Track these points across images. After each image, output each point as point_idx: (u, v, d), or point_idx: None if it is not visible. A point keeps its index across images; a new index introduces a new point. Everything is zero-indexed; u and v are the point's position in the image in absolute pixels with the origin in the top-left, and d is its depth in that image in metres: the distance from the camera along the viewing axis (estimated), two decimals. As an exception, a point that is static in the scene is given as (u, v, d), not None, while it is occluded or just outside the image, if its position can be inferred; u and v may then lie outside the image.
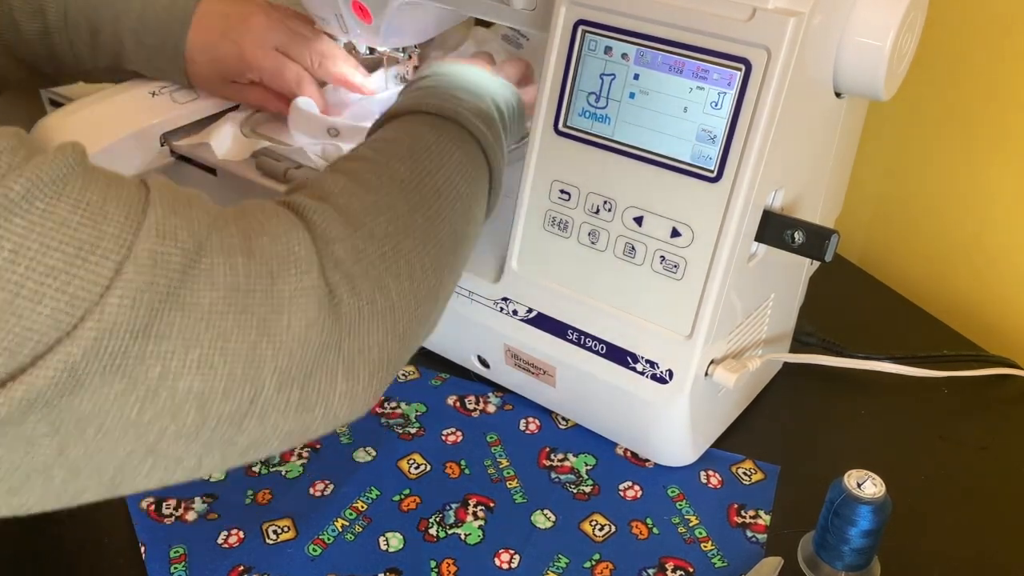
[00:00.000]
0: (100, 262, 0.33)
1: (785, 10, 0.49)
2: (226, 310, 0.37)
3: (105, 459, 0.36)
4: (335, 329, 0.41)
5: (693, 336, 0.55)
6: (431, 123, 0.55)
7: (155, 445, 0.37)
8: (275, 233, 0.40)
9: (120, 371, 0.34)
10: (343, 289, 0.42)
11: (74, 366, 0.33)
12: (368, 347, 0.43)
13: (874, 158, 0.87)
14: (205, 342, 0.36)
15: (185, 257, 0.36)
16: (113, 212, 0.35)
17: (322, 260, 0.42)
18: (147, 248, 0.35)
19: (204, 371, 0.36)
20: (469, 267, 0.65)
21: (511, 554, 0.56)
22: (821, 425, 0.68)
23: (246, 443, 0.40)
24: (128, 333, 0.34)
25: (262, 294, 0.38)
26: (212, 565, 0.55)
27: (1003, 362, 0.73)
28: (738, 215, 0.52)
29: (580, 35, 0.55)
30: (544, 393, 0.66)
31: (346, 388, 0.42)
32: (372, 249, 0.45)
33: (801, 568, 0.55)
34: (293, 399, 0.40)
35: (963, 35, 0.78)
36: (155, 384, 0.35)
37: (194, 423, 0.37)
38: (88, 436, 0.35)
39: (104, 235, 0.34)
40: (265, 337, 0.38)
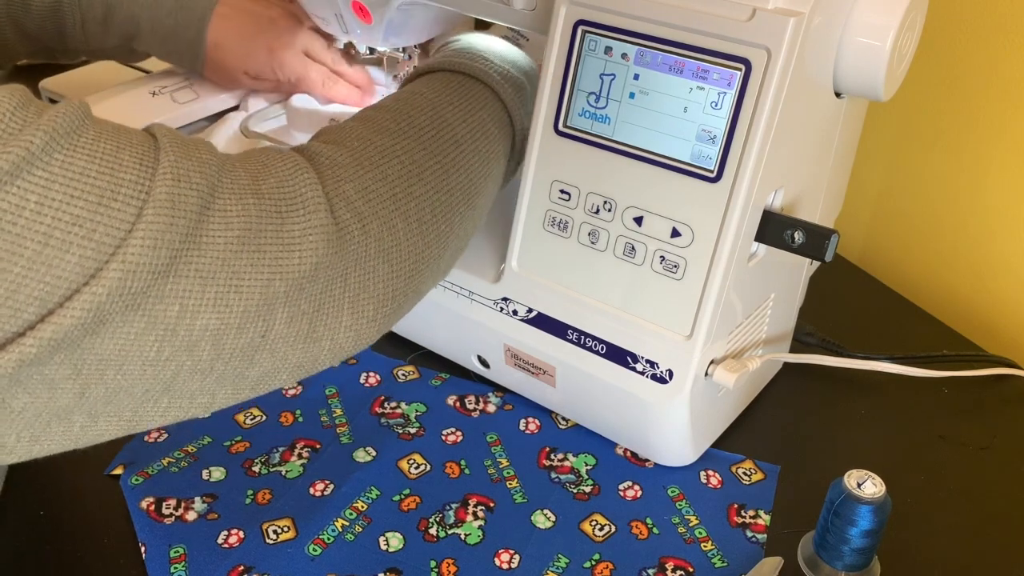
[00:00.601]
0: (122, 208, 0.35)
1: (785, 10, 0.49)
2: (240, 249, 0.38)
3: (124, 399, 0.38)
4: (341, 264, 0.42)
5: (693, 336, 0.55)
6: (459, 81, 0.56)
7: (171, 382, 0.38)
8: (281, 175, 0.42)
9: (141, 310, 0.36)
10: (353, 226, 0.43)
11: (100, 306, 0.34)
12: (373, 282, 0.44)
13: (874, 158, 0.87)
14: (221, 280, 0.37)
15: (200, 198, 0.37)
16: (127, 160, 0.36)
17: (331, 198, 0.43)
18: (165, 191, 0.36)
19: (220, 308, 0.38)
20: (469, 267, 0.65)
21: (511, 554, 0.56)
22: (821, 425, 0.68)
23: (257, 375, 0.41)
24: (150, 273, 0.35)
25: (273, 233, 0.40)
26: (212, 565, 0.55)
27: (1003, 362, 0.73)
28: (738, 215, 0.52)
29: (580, 35, 0.55)
30: (544, 393, 0.66)
31: (351, 321, 0.44)
32: (383, 189, 0.46)
33: (801, 568, 0.55)
34: (302, 331, 0.41)
35: (963, 35, 0.78)
36: (173, 322, 0.37)
37: (209, 358, 0.39)
38: (108, 377, 0.36)
39: (123, 182, 0.35)
40: (278, 274, 0.39)
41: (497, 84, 0.57)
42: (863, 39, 0.52)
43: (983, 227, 0.81)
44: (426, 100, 0.53)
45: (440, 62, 0.58)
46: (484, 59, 0.58)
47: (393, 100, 0.54)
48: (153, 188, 0.36)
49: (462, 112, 0.54)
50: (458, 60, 0.58)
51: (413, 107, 0.52)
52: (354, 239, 0.43)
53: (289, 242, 0.40)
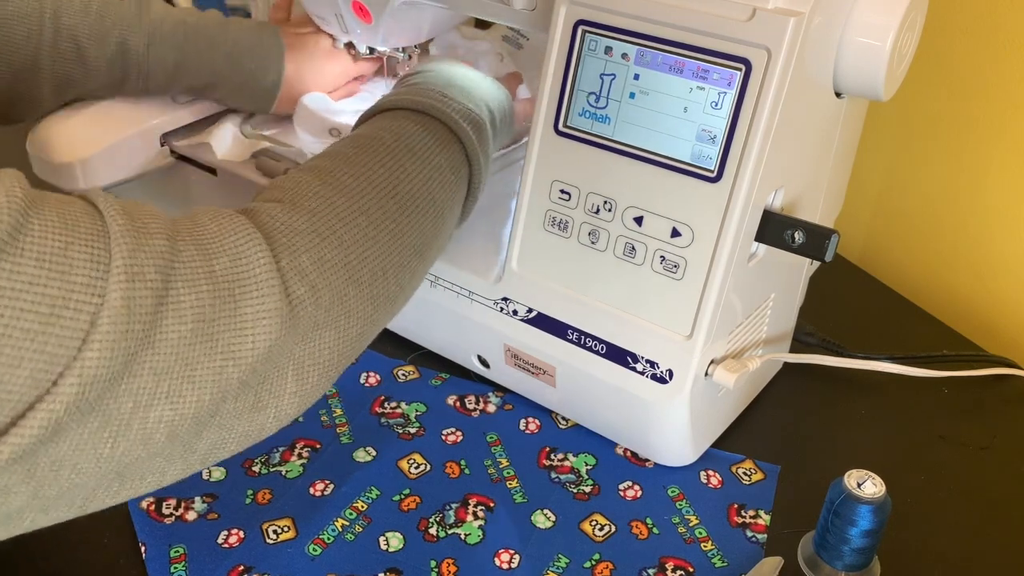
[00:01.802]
0: (74, 316, 0.33)
1: (785, 10, 0.49)
2: (194, 341, 0.37)
3: (76, 492, 0.37)
4: (290, 338, 0.41)
5: (693, 336, 0.55)
6: (418, 121, 0.55)
7: (124, 470, 0.37)
8: (234, 251, 0.40)
9: (95, 412, 0.35)
10: (307, 300, 0.42)
11: (57, 420, 0.33)
12: (319, 351, 0.44)
13: (874, 158, 0.87)
14: (174, 373, 0.37)
15: (155, 296, 0.36)
16: (78, 258, 0.34)
17: (284, 273, 0.41)
18: (119, 295, 0.34)
19: (173, 400, 0.37)
20: (469, 267, 0.65)
21: (511, 554, 0.56)
22: (821, 425, 0.68)
23: (205, 448, 0.41)
24: (106, 380, 0.34)
25: (226, 319, 0.38)
26: (212, 565, 0.55)
27: (1003, 362, 0.73)
28: (738, 215, 0.52)
29: (580, 35, 0.55)
30: (544, 393, 0.66)
31: (296, 388, 0.43)
32: (338, 258, 0.45)
33: (801, 568, 0.55)
34: (248, 403, 0.41)
35: (963, 35, 0.78)
36: (127, 418, 0.36)
37: (162, 445, 0.38)
38: (63, 476, 0.35)
39: (74, 286, 0.33)
40: (231, 360, 0.38)
41: (456, 125, 0.56)
42: (863, 39, 0.52)
43: (983, 227, 0.81)
44: (385, 148, 0.52)
45: (399, 100, 0.57)
46: (444, 96, 0.57)
47: (352, 147, 0.52)
48: (107, 291, 0.34)
49: (420, 162, 0.52)
50: (418, 98, 0.56)
51: (372, 158, 0.51)
52: (306, 312, 0.42)
53: (242, 327, 0.39)
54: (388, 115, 0.56)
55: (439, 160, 0.54)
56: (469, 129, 0.56)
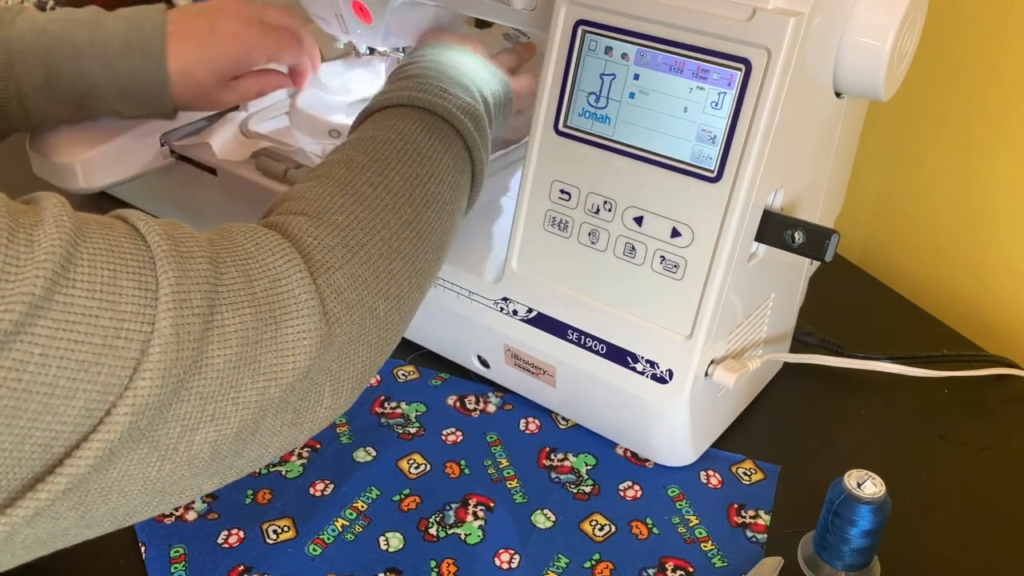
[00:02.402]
0: (126, 345, 0.33)
1: (785, 10, 0.49)
2: (238, 364, 0.38)
3: (121, 511, 0.37)
4: (327, 356, 0.42)
5: (693, 336, 0.55)
6: (418, 119, 0.55)
7: (166, 489, 0.38)
8: (273, 273, 0.40)
9: (145, 439, 0.35)
10: (343, 318, 0.43)
11: (111, 448, 0.34)
12: (353, 365, 0.44)
13: (874, 158, 0.87)
14: (219, 397, 0.37)
15: (203, 322, 0.36)
16: (127, 286, 0.34)
17: (321, 292, 0.42)
18: (169, 322, 0.35)
19: (218, 422, 0.38)
20: (469, 267, 0.65)
21: (511, 554, 0.56)
22: (821, 425, 0.68)
23: (242, 464, 0.41)
24: (157, 408, 0.35)
25: (268, 342, 0.39)
26: (212, 565, 0.55)
27: (1003, 362, 0.73)
28: (738, 215, 0.52)
29: (580, 35, 0.55)
30: (544, 393, 0.66)
31: (331, 402, 0.44)
32: (368, 273, 0.45)
33: (801, 568, 0.55)
34: (287, 420, 0.42)
35: (963, 35, 0.78)
36: (175, 442, 0.36)
37: (204, 465, 0.39)
38: (111, 500, 0.36)
39: (125, 315, 0.34)
40: (272, 381, 0.39)
41: (458, 122, 0.56)
42: (863, 39, 0.52)
43: (983, 227, 0.81)
44: (396, 153, 0.52)
45: (400, 97, 0.56)
46: (443, 91, 0.57)
47: (363, 154, 0.51)
48: (156, 319, 0.34)
49: (429, 164, 0.52)
50: (418, 95, 0.56)
51: (386, 164, 0.51)
52: (342, 330, 0.43)
53: (283, 348, 0.39)
54: (389, 113, 0.56)
55: (446, 160, 0.54)
56: (469, 124, 0.56)
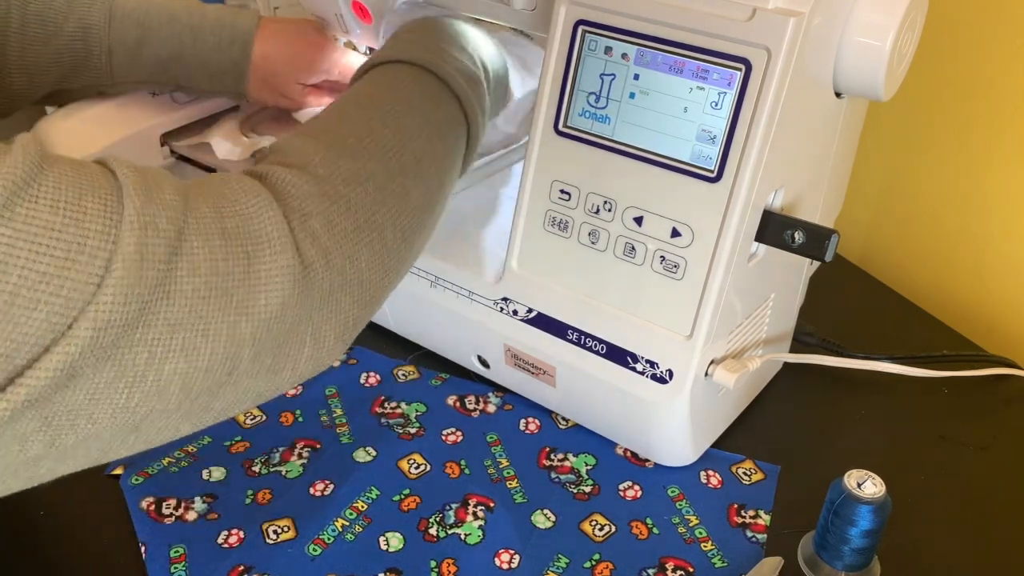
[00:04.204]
0: (89, 261, 0.34)
1: (785, 10, 0.49)
2: (207, 294, 0.38)
3: (92, 443, 0.38)
4: (306, 302, 0.42)
5: (693, 336, 0.55)
6: (414, 77, 0.55)
7: (139, 424, 0.38)
8: (247, 213, 0.41)
9: (111, 360, 0.35)
10: (318, 264, 0.43)
11: (72, 363, 0.34)
12: (335, 314, 0.45)
13: (874, 158, 0.87)
14: (188, 326, 0.37)
15: (168, 246, 0.37)
16: (91, 207, 0.35)
17: (296, 236, 0.42)
18: (133, 242, 0.35)
19: (188, 353, 0.38)
20: (469, 267, 0.65)
21: (511, 554, 0.56)
22: (821, 425, 0.68)
23: (220, 407, 0.42)
24: (120, 327, 0.35)
25: (240, 275, 0.39)
26: (212, 565, 0.55)
27: (1003, 362, 0.73)
28: (738, 215, 0.52)
29: (580, 35, 0.55)
30: (544, 393, 0.66)
31: (312, 352, 0.44)
32: (347, 222, 0.45)
33: (801, 568, 0.55)
34: (265, 365, 0.42)
35: (963, 35, 0.78)
36: (142, 369, 0.36)
37: (177, 399, 0.39)
38: (79, 426, 0.36)
39: (88, 232, 0.34)
40: (244, 316, 0.39)
41: (451, 79, 0.56)
42: (863, 39, 0.52)
43: (983, 227, 0.81)
44: (386, 107, 0.52)
45: (395, 53, 0.57)
46: (440, 50, 0.57)
47: (353, 106, 0.52)
48: (120, 238, 0.35)
49: (421, 119, 0.53)
50: (413, 51, 0.56)
51: (374, 117, 0.51)
52: (318, 276, 0.43)
53: (255, 284, 0.40)
54: (385, 69, 0.56)
55: (438, 116, 0.54)
56: (464, 83, 0.56)
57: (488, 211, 0.72)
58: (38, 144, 0.35)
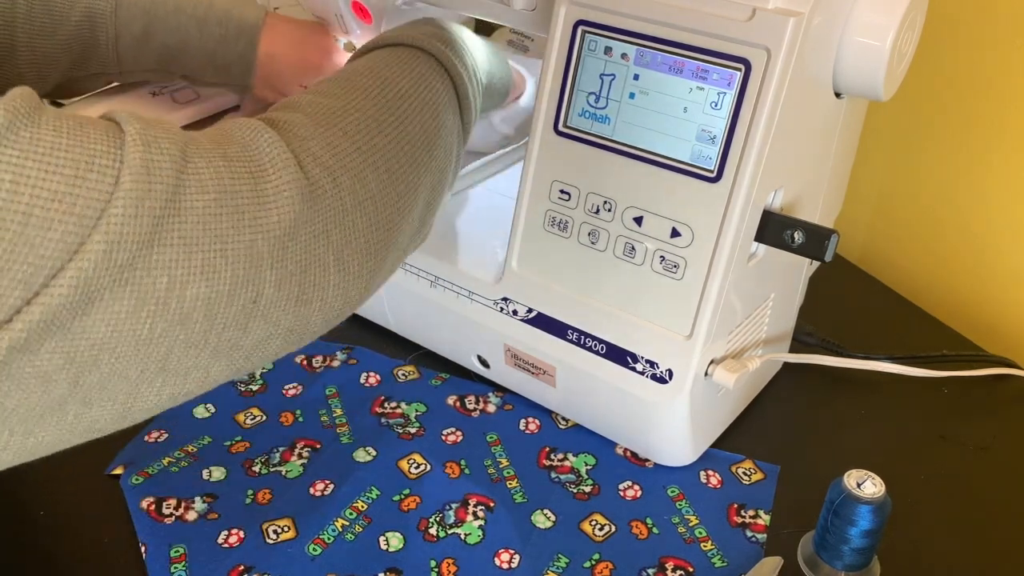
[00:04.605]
0: (98, 177, 0.34)
1: (785, 10, 0.49)
2: (219, 212, 0.38)
3: (118, 383, 0.37)
4: (321, 219, 0.42)
5: (693, 336, 0.55)
6: (389, 48, 0.56)
7: (166, 360, 0.38)
8: (244, 140, 0.41)
9: (129, 285, 0.35)
10: (324, 181, 0.43)
11: (87, 281, 0.34)
12: (354, 236, 0.44)
13: (874, 158, 0.87)
14: (205, 245, 0.37)
15: (173, 163, 0.37)
16: (93, 132, 0.35)
17: (299, 156, 0.43)
18: (138, 156, 0.35)
19: (208, 275, 0.37)
20: (469, 267, 0.65)
21: (511, 554, 0.56)
22: (821, 425, 0.68)
23: (251, 344, 0.41)
24: (134, 243, 0.35)
25: (248, 193, 0.39)
26: (212, 565, 0.55)
27: (1003, 362, 0.73)
28: (738, 215, 0.52)
29: (580, 35, 0.55)
30: (544, 393, 0.66)
31: (338, 279, 0.44)
32: (346, 144, 0.46)
33: (801, 568, 0.55)
34: (292, 294, 0.41)
35: (963, 35, 0.78)
36: (163, 294, 0.36)
37: (202, 329, 0.38)
38: (103, 361, 0.36)
39: (96, 152, 0.34)
40: (260, 234, 0.39)
41: (424, 43, 0.56)
42: (863, 39, 0.52)
43: (983, 227, 0.81)
44: (363, 65, 0.53)
45: (368, 43, 0.58)
46: (411, 28, 0.58)
47: (331, 75, 0.53)
48: (125, 155, 0.35)
49: (399, 68, 0.53)
50: (386, 35, 0.57)
51: (352, 72, 0.52)
52: (327, 194, 0.43)
53: (264, 200, 0.40)
54: (360, 54, 0.57)
55: (420, 67, 0.54)
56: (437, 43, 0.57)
57: (488, 211, 0.72)
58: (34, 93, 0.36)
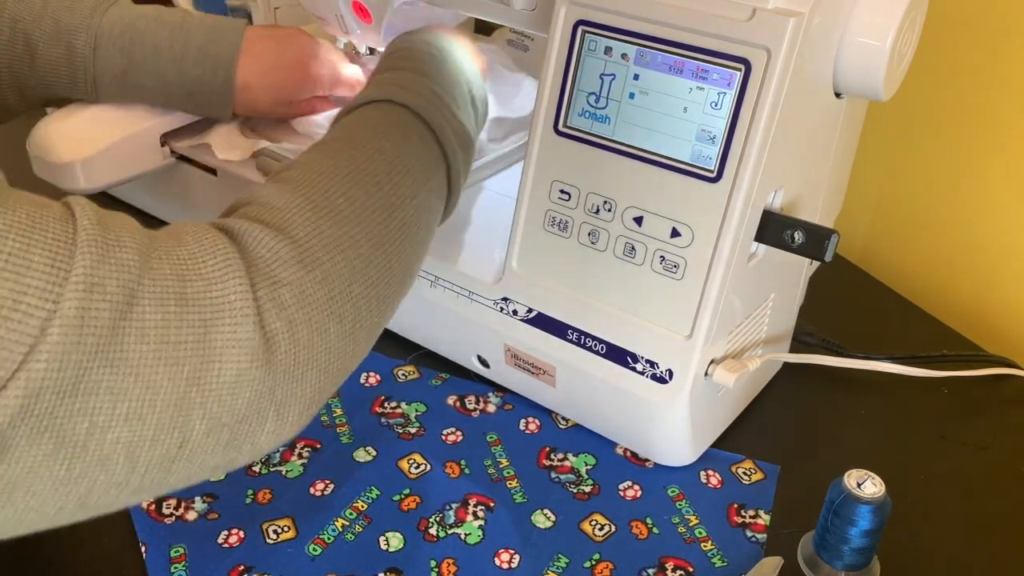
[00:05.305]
0: (24, 320, 0.32)
1: (785, 10, 0.49)
2: (156, 363, 0.36)
3: (35, 518, 0.36)
4: (268, 377, 0.40)
5: (693, 336, 0.55)
6: (416, 134, 0.53)
7: (86, 498, 0.36)
8: (211, 277, 0.38)
9: (48, 431, 0.33)
10: (282, 336, 0.40)
11: (1, 433, 0.32)
12: (301, 389, 0.42)
13: (874, 158, 0.87)
14: (134, 395, 0.35)
15: (114, 311, 0.34)
16: (38, 260, 0.33)
17: (261, 305, 0.40)
18: (74, 305, 0.33)
19: (132, 422, 0.35)
20: (469, 267, 0.65)
21: (511, 554, 0.56)
22: (821, 425, 0.68)
23: (174, 482, 0.40)
24: (55, 394, 0.33)
25: (194, 344, 0.37)
26: (212, 565, 0.55)
27: (1003, 362, 0.73)
28: (738, 215, 0.52)
29: (580, 35, 0.55)
30: (544, 393, 0.66)
31: (275, 427, 0.41)
32: (321, 293, 0.42)
33: (801, 568, 0.55)
34: (222, 440, 0.39)
35: (963, 35, 0.78)
36: (83, 439, 0.34)
37: (124, 471, 0.37)
38: (17, 499, 0.34)
39: (28, 289, 0.32)
40: (195, 386, 0.37)
41: (449, 147, 0.54)
42: (863, 39, 0.52)
43: (983, 227, 0.81)
44: (384, 166, 0.49)
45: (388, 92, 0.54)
46: (434, 95, 0.55)
47: (348, 158, 0.49)
48: (62, 300, 0.33)
49: (415, 185, 0.50)
50: (416, 100, 0.54)
51: (371, 177, 0.48)
52: (280, 350, 0.40)
53: (209, 354, 0.37)
54: (378, 110, 0.54)
55: (431, 184, 0.52)
56: (459, 151, 0.55)
57: (488, 211, 0.72)
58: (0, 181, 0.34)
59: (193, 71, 0.70)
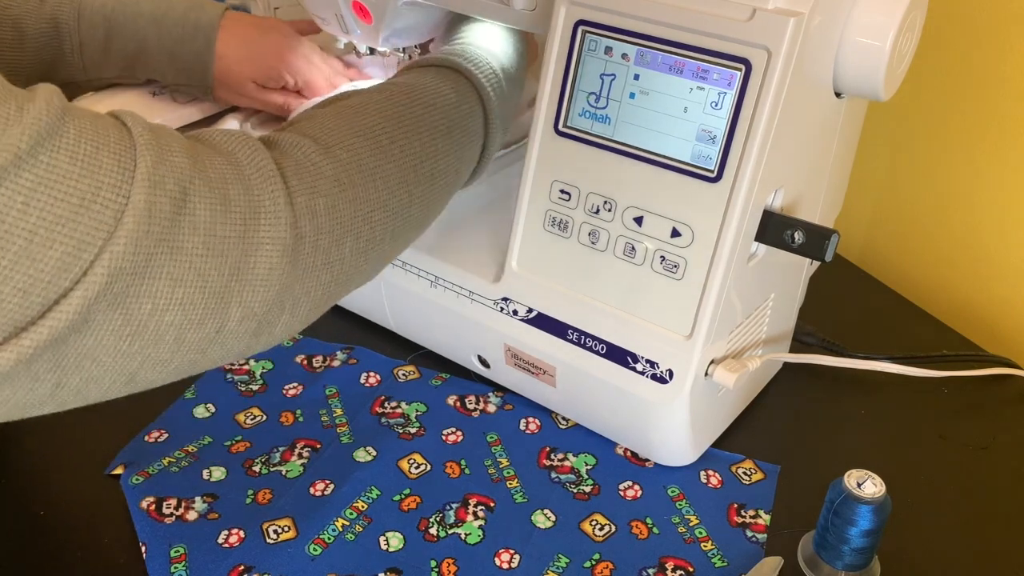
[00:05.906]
0: (101, 211, 0.37)
1: (785, 10, 0.49)
2: (206, 253, 0.41)
3: (92, 389, 0.40)
4: (292, 273, 0.45)
5: (693, 336, 0.55)
6: (460, 90, 0.58)
7: (135, 374, 0.41)
8: (249, 184, 0.43)
9: (119, 307, 0.38)
10: (308, 239, 0.45)
11: (89, 306, 0.37)
12: (314, 288, 0.47)
13: (874, 158, 0.87)
14: (188, 281, 0.40)
15: (173, 205, 0.39)
16: (107, 161, 0.37)
17: (297, 208, 0.45)
18: (142, 198, 0.38)
19: (185, 307, 0.41)
20: (469, 267, 0.65)
21: (511, 554, 0.56)
22: (821, 425, 0.68)
23: (205, 364, 0.45)
24: (130, 275, 0.38)
25: (236, 239, 0.42)
26: (212, 565, 0.55)
27: (1003, 362, 0.73)
28: (738, 215, 0.52)
29: (580, 35, 0.55)
30: (544, 393, 0.66)
31: (288, 320, 0.47)
32: (348, 211, 0.48)
33: (801, 568, 0.55)
34: (250, 329, 0.44)
35: (963, 35, 0.78)
36: (145, 318, 0.39)
37: (170, 350, 0.42)
38: (85, 369, 0.39)
39: (103, 185, 0.37)
40: (236, 277, 0.42)
41: (488, 101, 0.59)
42: (863, 39, 0.52)
43: (983, 227, 0.81)
44: (427, 120, 0.55)
45: (442, 58, 0.60)
46: (479, 62, 0.60)
47: (397, 103, 0.54)
48: (132, 194, 0.38)
49: (451, 142, 0.56)
50: (459, 62, 0.59)
51: (411, 125, 0.54)
52: (305, 251, 0.45)
53: (249, 249, 0.42)
54: (428, 72, 0.58)
55: (462, 139, 0.57)
56: (498, 106, 0.59)
57: (488, 211, 0.72)
58: (59, 95, 0.37)
59: (174, 30, 0.73)
